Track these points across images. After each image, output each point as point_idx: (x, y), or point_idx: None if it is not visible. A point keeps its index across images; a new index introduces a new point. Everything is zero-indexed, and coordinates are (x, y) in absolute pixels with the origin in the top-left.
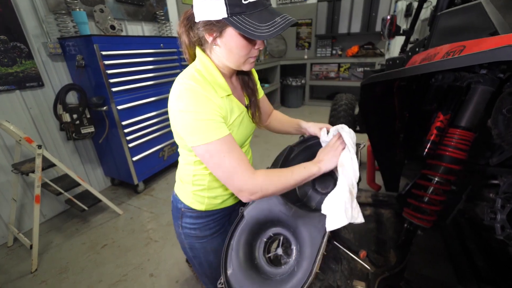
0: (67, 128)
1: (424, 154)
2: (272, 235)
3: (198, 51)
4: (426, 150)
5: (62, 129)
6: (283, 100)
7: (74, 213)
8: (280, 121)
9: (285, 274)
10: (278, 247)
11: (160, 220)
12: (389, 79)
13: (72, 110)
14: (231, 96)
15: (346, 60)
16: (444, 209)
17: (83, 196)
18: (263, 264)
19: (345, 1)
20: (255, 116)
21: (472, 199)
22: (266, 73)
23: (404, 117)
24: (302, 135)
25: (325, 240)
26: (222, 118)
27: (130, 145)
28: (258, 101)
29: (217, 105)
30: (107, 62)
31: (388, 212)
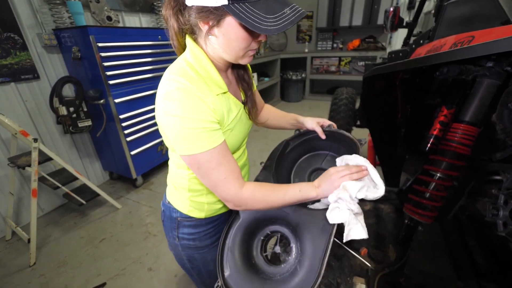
0: (64, 121)
1: (427, 149)
2: (269, 232)
3: (189, 41)
4: (429, 145)
5: (59, 122)
6: (283, 95)
7: (72, 207)
8: (274, 116)
9: (285, 273)
10: (276, 245)
11: (159, 214)
12: (392, 72)
13: (69, 103)
14: (228, 93)
15: (347, 53)
16: (446, 205)
17: (81, 190)
18: (262, 263)
19: None
20: (252, 112)
21: (473, 195)
22: (266, 67)
23: (406, 111)
24: (298, 129)
25: (331, 241)
26: (217, 123)
27: (128, 139)
28: (254, 95)
29: (211, 108)
30: (103, 54)
31: (387, 207)
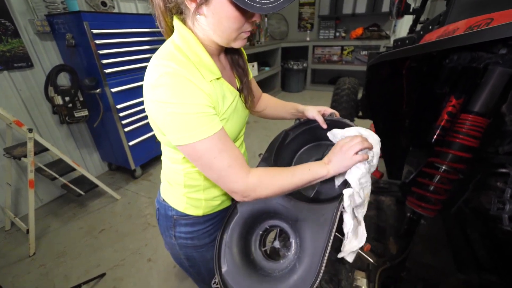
0: (59, 111)
1: (433, 140)
2: (268, 227)
3: (177, 22)
4: (435, 136)
5: (55, 112)
6: (284, 85)
7: (72, 197)
8: (273, 106)
9: (284, 269)
10: (275, 239)
11: None
12: (399, 59)
13: (64, 93)
14: (221, 80)
15: (350, 42)
16: (450, 198)
17: (79, 181)
18: (260, 259)
19: None
20: (248, 101)
21: (478, 188)
22: (266, 56)
23: (411, 101)
24: (298, 119)
25: (331, 239)
26: (213, 108)
27: (126, 129)
28: (250, 82)
29: (206, 92)
30: (98, 42)
31: (388, 200)
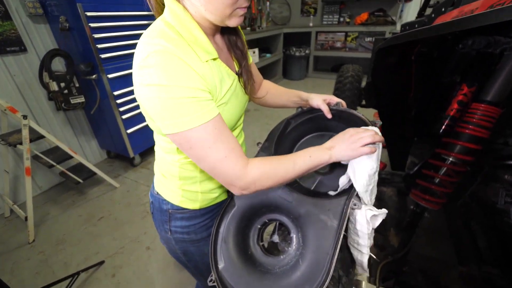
0: (55, 97)
1: (441, 131)
2: (267, 221)
3: None
4: (444, 126)
5: (51, 98)
6: (285, 72)
7: (70, 185)
8: (274, 93)
9: (285, 266)
10: (274, 233)
11: None
12: (410, 43)
13: (59, 78)
14: (218, 61)
15: (354, 28)
16: (455, 191)
17: (78, 169)
18: (259, 254)
19: None
20: (248, 86)
21: (485, 181)
22: (268, 42)
23: (419, 90)
24: (301, 107)
25: (341, 238)
26: (209, 93)
27: (124, 116)
28: (249, 66)
29: (199, 74)
30: (93, 25)
31: (390, 190)
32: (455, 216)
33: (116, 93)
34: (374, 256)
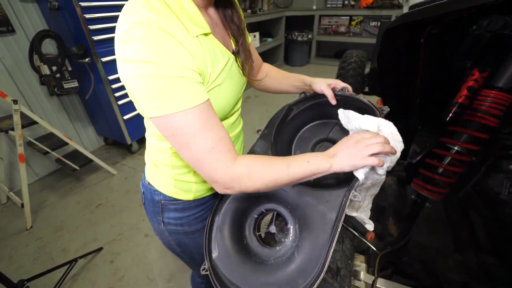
0: (47, 82)
1: (447, 119)
2: (264, 211)
3: None
4: (451, 114)
5: (43, 83)
6: (287, 58)
7: (67, 172)
8: (275, 77)
9: (281, 257)
10: (271, 223)
11: None
12: (420, 24)
13: (51, 61)
14: (211, 37)
15: (359, 12)
16: (458, 181)
17: (74, 156)
18: (255, 245)
19: None
20: (245, 66)
21: (489, 171)
22: (269, 25)
23: (427, 75)
24: (304, 93)
25: (338, 231)
26: (199, 74)
27: (120, 102)
28: (248, 44)
29: (189, 50)
30: (84, 4)
31: (389, 179)
32: (454, 206)
33: (111, 77)
34: (374, 247)
